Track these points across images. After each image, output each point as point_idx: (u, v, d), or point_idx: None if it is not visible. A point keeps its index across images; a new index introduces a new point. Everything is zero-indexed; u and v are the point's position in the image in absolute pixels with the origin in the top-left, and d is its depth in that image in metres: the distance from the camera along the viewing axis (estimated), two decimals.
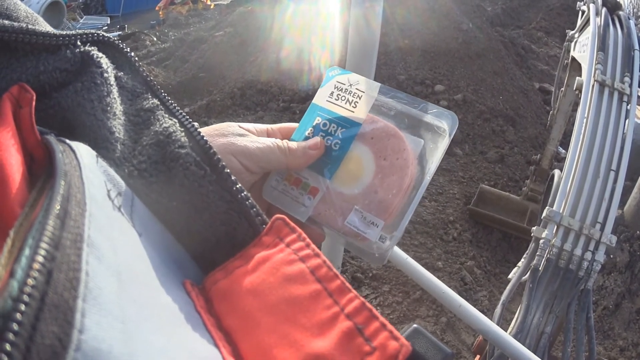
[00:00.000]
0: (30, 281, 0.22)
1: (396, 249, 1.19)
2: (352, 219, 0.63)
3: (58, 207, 0.27)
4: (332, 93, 0.70)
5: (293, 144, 0.64)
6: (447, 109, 0.65)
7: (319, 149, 0.66)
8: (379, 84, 0.69)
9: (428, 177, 0.64)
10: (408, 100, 0.68)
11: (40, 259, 0.23)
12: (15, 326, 0.20)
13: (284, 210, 0.65)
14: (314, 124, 0.69)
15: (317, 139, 0.67)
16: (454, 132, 0.65)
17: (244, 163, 0.58)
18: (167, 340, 0.29)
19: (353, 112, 0.68)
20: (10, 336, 0.20)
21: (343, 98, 0.69)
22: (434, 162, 0.64)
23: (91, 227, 0.28)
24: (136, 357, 0.25)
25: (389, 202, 0.62)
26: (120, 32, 10.01)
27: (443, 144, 0.64)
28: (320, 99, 0.71)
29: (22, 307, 0.21)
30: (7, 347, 0.20)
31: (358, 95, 0.68)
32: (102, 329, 0.24)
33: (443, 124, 0.65)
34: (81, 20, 11.72)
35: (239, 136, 0.60)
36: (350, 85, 0.69)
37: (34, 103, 0.37)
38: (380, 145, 0.65)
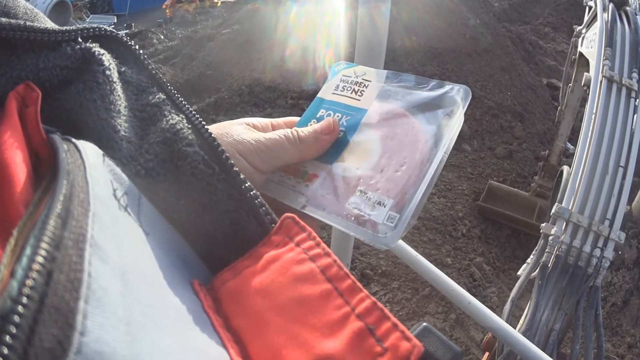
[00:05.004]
0: (29, 282, 0.21)
1: (405, 245, 1.19)
2: (354, 200, 0.56)
3: (60, 207, 0.27)
4: (337, 86, 0.67)
5: (303, 132, 0.59)
6: (457, 84, 0.61)
7: (332, 131, 0.61)
8: (386, 71, 0.66)
9: (443, 153, 0.57)
10: (417, 82, 0.64)
11: (40, 259, 0.23)
12: (12, 328, 0.20)
13: (278, 200, 0.60)
14: (318, 115, 0.66)
15: (330, 119, 0.62)
16: (466, 105, 0.60)
17: (253, 163, 0.55)
18: (174, 341, 0.29)
19: (359, 100, 0.64)
20: (7, 339, 0.20)
21: (349, 89, 0.66)
22: (448, 140, 0.58)
23: (95, 227, 0.28)
24: (141, 359, 0.24)
25: (398, 178, 0.56)
26: (127, 31, 10.01)
27: (455, 120, 0.59)
28: (325, 92, 0.68)
29: (20, 308, 0.20)
30: (4, 350, 0.19)
31: (364, 85, 0.66)
32: (105, 331, 0.23)
33: (454, 100, 0.60)
34: (87, 20, 11.72)
35: (244, 134, 0.56)
36: (357, 76, 0.67)
37: (39, 102, 0.36)
38: (387, 128, 0.61)
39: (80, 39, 0.44)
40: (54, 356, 0.21)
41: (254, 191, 0.44)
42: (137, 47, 0.49)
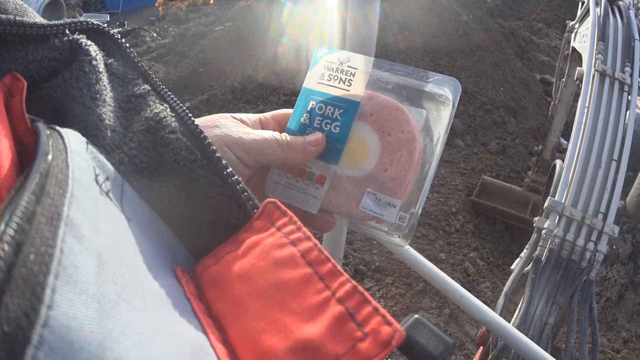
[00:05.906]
0: None
1: None
2: (366, 202, 0.59)
3: (34, 185, 0.27)
4: (322, 74, 0.66)
5: (292, 138, 0.61)
6: (447, 76, 0.63)
7: (319, 145, 0.62)
8: (373, 58, 0.65)
9: (439, 148, 0.61)
10: (406, 71, 0.65)
11: (10, 231, 0.23)
12: None
13: (291, 205, 0.62)
14: (309, 108, 0.65)
15: (318, 134, 0.63)
16: (457, 98, 0.62)
17: (239, 155, 0.56)
18: (150, 324, 0.28)
19: (348, 90, 0.64)
20: None
21: (335, 78, 0.65)
22: (442, 132, 0.61)
23: (72, 208, 0.28)
24: (110, 338, 0.24)
25: (402, 178, 0.59)
26: (120, 29, 10.01)
27: (447, 111, 0.62)
28: (311, 82, 0.67)
29: None
30: None
31: (351, 73, 0.65)
32: (74, 307, 0.23)
33: (445, 92, 0.62)
34: (80, 18, 11.72)
35: (233, 127, 0.57)
36: (341, 63, 0.66)
37: (25, 91, 0.36)
38: (382, 121, 0.62)
39: (68, 32, 0.45)
40: (20, 327, 0.21)
41: (235, 177, 0.44)
42: (123, 40, 0.49)
